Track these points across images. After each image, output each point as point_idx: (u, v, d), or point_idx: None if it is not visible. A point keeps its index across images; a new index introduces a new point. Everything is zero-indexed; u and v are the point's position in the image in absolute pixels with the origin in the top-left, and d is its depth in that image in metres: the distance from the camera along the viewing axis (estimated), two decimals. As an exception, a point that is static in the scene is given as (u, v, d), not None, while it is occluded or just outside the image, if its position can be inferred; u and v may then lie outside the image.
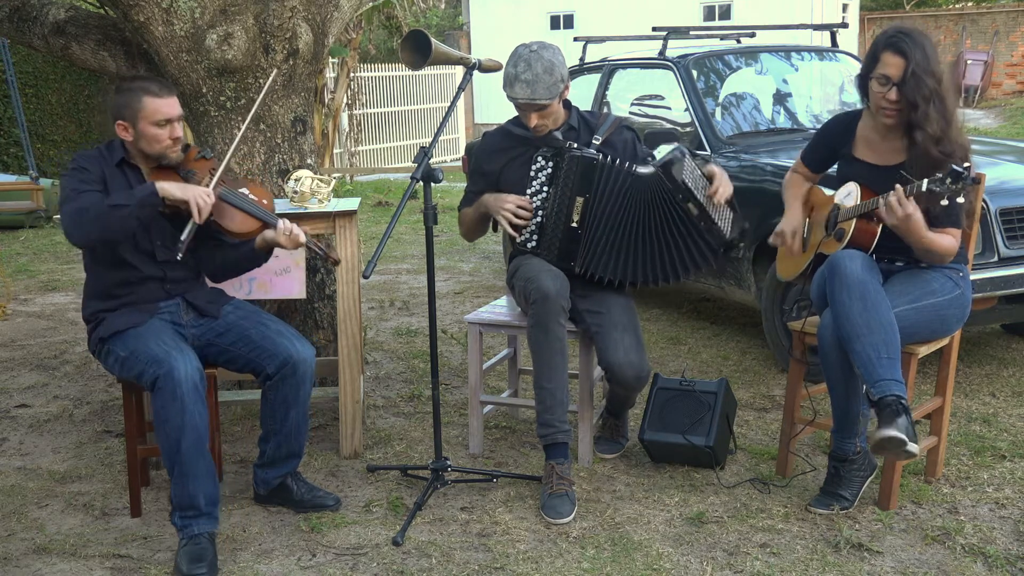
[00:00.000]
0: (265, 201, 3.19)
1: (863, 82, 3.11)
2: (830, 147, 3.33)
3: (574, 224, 3.34)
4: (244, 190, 3.19)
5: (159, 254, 3.09)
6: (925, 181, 2.82)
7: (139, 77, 3.17)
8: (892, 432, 2.75)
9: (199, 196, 2.95)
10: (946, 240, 3.00)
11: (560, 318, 3.27)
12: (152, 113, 3.00)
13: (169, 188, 2.94)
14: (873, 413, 2.89)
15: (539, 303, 3.25)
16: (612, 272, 3.37)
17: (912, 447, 2.77)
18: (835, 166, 3.35)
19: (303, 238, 3.12)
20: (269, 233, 3.12)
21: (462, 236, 3.76)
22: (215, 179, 3.07)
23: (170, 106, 3.03)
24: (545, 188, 3.40)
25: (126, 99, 3.02)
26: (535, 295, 3.25)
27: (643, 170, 3.33)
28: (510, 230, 3.42)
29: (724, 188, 3.35)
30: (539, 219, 3.41)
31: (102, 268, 3.09)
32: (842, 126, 3.31)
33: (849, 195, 3.13)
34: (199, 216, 2.95)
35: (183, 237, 3.01)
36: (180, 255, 3.02)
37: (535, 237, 3.43)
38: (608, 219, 3.34)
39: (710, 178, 3.36)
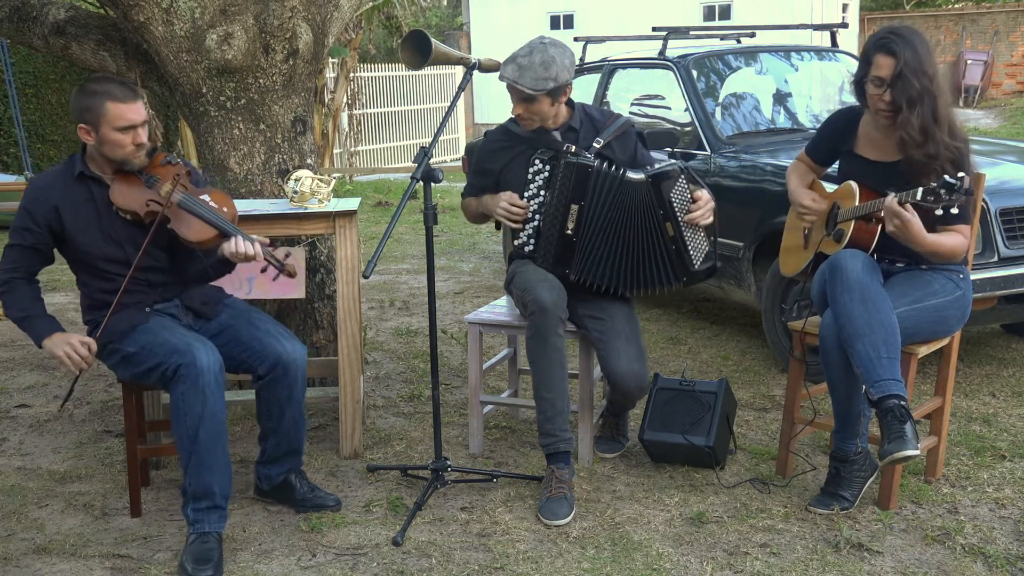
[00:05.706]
0: (225, 209, 3.07)
1: (859, 87, 3.10)
2: (834, 141, 3.32)
3: (569, 231, 3.33)
4: (205, 196, 3.06)
5: (134, 262, 2.97)
6: (920, 190, 2.80)
7: (103, 79, 3.04)
8: (909, 452, 2.76)
9: (68, 352, 2.88)
10: (953, 239, 2.97)
11: (558, 329, 3.27)
12: (115, 119, 2.90)
13: (48, 345, 2.90)
14: (874, 415, 2.90)
15: (537, 315, 3.25)
16: (601, 279, 3.36)
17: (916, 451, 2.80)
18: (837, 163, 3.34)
19: (251, 250, 2.96)
20: (224, 245, 2.98)
21: (468, 220, 3.80)
22: (176, 186, 2.97)
23: (134, 111, 2.92)
24: (542, 192, 3.38)
25: (89, 103, 2.91)
26: (532, 307, 3.25)
27: (633, 176, 3.31)
28: (513, 226, 3.44)
29: (702, 213, 3.31)
30: (536, 223, 3.41)
31: (87, 277, 3.08)
32: (844, 121, 3.29)
33: (848, 195, 3.12)
34: (69, 368, 2.90)
35: (69, 394, 3.27)
36: (62, 405, 3.07)
37: (532, 241, 3.43)
38: (602, 226, 3.33)
39: (695, 200, 3.32)
